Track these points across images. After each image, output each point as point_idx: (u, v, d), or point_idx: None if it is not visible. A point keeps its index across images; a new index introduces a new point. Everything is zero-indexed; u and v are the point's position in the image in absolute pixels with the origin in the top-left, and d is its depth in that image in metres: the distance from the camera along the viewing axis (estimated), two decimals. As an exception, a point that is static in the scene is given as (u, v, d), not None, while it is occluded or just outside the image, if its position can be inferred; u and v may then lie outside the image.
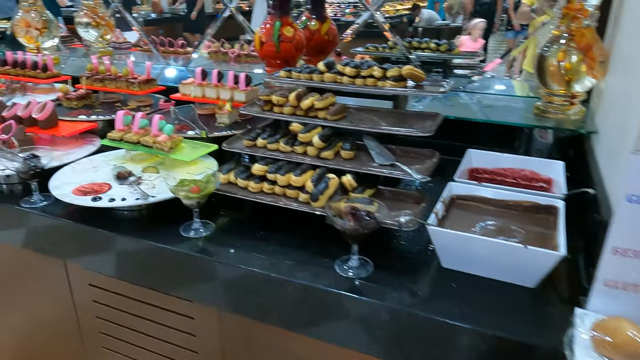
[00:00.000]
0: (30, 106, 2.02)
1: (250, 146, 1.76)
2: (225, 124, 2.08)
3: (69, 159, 1.92)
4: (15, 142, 1.96)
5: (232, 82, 2.16)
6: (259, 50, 2.34)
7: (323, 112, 1.76)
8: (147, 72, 2.41)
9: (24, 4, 3.01)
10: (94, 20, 3.35)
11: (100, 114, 2.24)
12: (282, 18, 2.28)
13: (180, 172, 1.80)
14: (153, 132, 1.82)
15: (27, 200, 1.75)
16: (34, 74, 2.63)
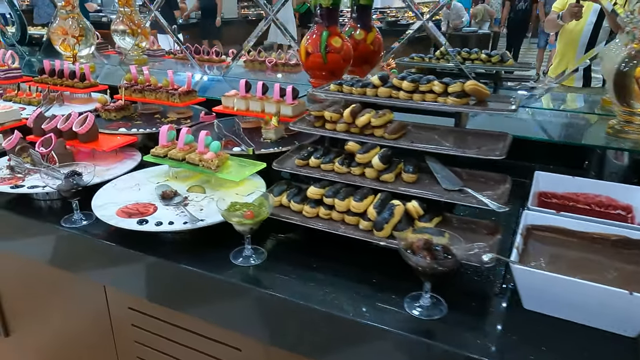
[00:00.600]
0: (70, 119, 1.94)
1: (302, 165, 1.65)
2: (271, 139, 1.97)
3: (110, 175, 1.84)
4: (55, 157, 1.89)
5: (278, 95, 2.06)
6: (304, 61, 2.24)
7: (380, 130, 1.64)
8: (187, 83, 2.32)
9: (62, 11, 2.96)
10: (130, 27, 3.30)
11: (141, 127, 2.16)
12: (329, 28, 2.17)
13: (227, 191, 1.70)
14: (199, 149, 1.72)
15: (67, 219, 1.67)
16: (71, 84, 2.57)
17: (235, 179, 1.64)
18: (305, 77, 3.43)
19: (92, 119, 1.93)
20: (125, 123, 2.22)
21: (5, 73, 2.77)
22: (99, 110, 2.32)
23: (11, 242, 1.88)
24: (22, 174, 1.85)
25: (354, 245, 1.42)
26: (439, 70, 2.83)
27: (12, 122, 2.22)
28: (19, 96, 2.59)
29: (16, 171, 1.87)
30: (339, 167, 1.58)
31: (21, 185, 1.75)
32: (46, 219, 1.71)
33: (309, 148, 1.70)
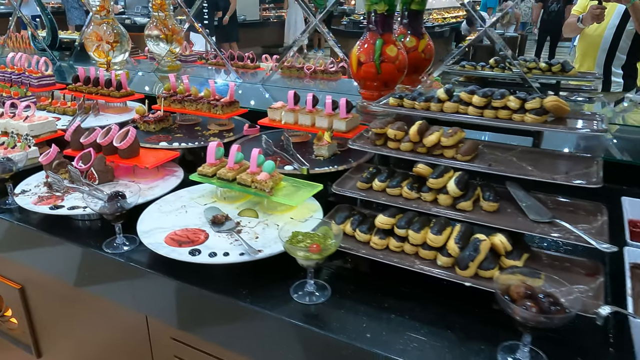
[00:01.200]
0: (111, 133, 1.82)
1: (365, 189, 1.50)
2: (324, 156, 1.82)
3: (153, 194, 1.71)
4: (94, 174, 1.77)
5: (331, 108, 1.91)
6: (356, 71, 2.09)
7: (451, 150, 1.48)
8: (230, 94, 2.19)
9: (96, 16, 2.87)
10: (164, 33, 3.19)
11: (182, 140, 2.03)
12: (384, 35, 2.02)
13: (281, 215, 1.56)
14: (251, 168, 1.58)
15: (110, 243, 1.55)
16: (107, 92, 2.46)
17: (292, 203, 1.50)
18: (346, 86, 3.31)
19: (133, 134, 1.81)
20: (166, 136, 2.09)
21: (38, 80, 2.68)
22: (137, 122, 2.20)
23: (48, 263, 1.76)
24: (61, 192, 1.73)
25: (430, 281, 1.26)
26: (490, 79, 2.66)
27: (48, 133, 2.12)
28: (53, 105, 2.49)
29: (54, 189, 1.75)
30: (408, 192, 1.42)
31: (60, 205, 1.63)
32: (86, 242, 1.58)
33: (371, 169, 1.55)
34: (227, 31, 7.78)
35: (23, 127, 2.04)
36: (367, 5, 2.02)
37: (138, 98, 2.53)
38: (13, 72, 2.79)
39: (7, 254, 1.93)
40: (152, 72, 3.33)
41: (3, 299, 2.16)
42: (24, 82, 2.72)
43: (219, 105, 2.13)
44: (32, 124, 2.05)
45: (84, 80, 2.56)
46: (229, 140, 2.06)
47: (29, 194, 1.74)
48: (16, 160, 1.81)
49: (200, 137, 2.09)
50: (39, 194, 1.73)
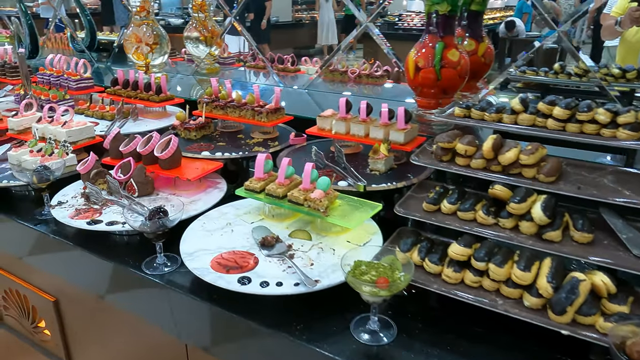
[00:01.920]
0: (152, 142, 1.71)
1: (432, 211, 1.34)
2: (380, 171, 1.67)
3: (196, 209, 1.59)
4: (134, 185, 1.66)
5: (387, 117, 1.75)
6: (412, 77, 1.92)
7: (532, 169, 1.31)
8: (275, 100, 2.06)
9: (136, 17, 2.78)
10: (203, 34, 3.09)
11: (225, 150, 1.90)
12: (445, 38, 1.85)
13: (336, 237, 1.41)
14: (304, 185, 1.44)
15: (150, 263, 1.43)
16: (146, 97, 2.36)
17: (350, 226, 1.35)
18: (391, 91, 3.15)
19: (175, 143, 1.69)
20: (207, 144, 1.97)
21: (77, 83, 2.61)
22: (177, 129, 2.09)
23: (84, 278, 1.66)
24: (99, 205, 1.62)
25: (511, 323, 1.09)
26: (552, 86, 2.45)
27: (86, 140, 2.03)
28: (91, 109, 2.41)
29: (92, 201, 1.65)
30: (484, 217, 1.25)
31: (98, 220, 1.52)
32: (124, 260, 1.47)
33: (438, 188, 1.38)
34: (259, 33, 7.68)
35: (61, 133, 1.96)
36: (428, 5, 1.85)
37: (178, 103, 2.42)
38: (52, 74, 2.73)
39: (43, 266, 1.84)
40: (190, 75, 3.23)
41: (37, 310, 2.08)
42: (62, 85, 2.65)
43: (263, 113, 2.00)
44: (70, 129, 1.96)
45: (123, 83, 2.47)
46: (274, 149, 1.92)
47: (66, 205, 1.63)
48: (53, 168, 1.72)
49: (244, 147, 1.96)
50: (76, 206, 1.63)
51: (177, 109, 2.49)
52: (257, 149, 1.92)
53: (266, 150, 1.91)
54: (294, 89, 2.86)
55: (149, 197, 1.68)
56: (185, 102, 2.43)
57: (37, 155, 1.87)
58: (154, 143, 1.72)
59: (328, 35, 9.66)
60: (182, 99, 2.44)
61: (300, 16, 12.33)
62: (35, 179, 1.68)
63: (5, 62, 3.02)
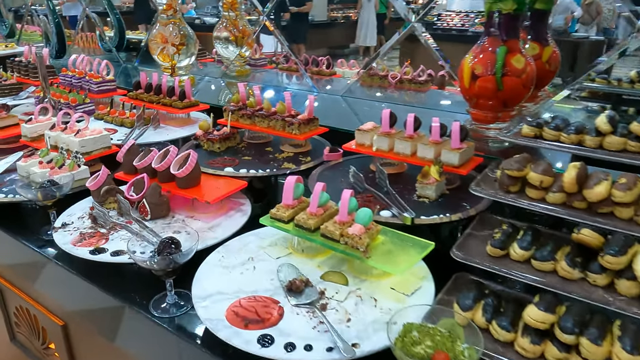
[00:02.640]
0: (168, 157, 1.51)
1: (499, 256, 1.08)
2: (430, 198, 1.42)
3: (214, 237, 1.38)
4: (147, 207, 1.46)
5: (438, 133, 1.50)
6: (468, 85, 1.66)
7: (629, 209, 1.04)
8: (309, 110, 1.83)
9: (163, 16, 2.60)
10: (233, 34, 2.90)
11: (251, 166, 1.69)
12: (509, 42, 1.59)
13: (377, 282, 1.17)
14: (340, 216, 1.20)
15: (158, 302, 1.22)
16: (169, 102, 2.17)
17: (396, 271, 1.11)
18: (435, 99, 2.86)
19: (194, 160, 1.49)
20: (232, 159, 1.76)
21: (98, 85, 2.45)
22: (199, 139, 1.89)
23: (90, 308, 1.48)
24: (106, 229, 1.43)
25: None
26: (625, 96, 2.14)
27: (101, 150, 1.85)
28: (111, 114, 2.24)
29: (99, 223, 1.46)
30: (568, 269, 0.99)
31: (103, 249, 1.33)
32: (130, 296, 1.27)
33: (505, 227, 1.13)
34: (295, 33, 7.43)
35: (73, 142, 1.78)
36: (489, 3, 1.59)
37: (203, 109, 2.23)
38: (74, 75, 2.58)
39: (49, 289, 1.67)
40: (219, 77, 3.04)
41: (47, 332, 1.93)
42: (83, 87, 2.50)
43: (295, 124, 1.77)
44: (84, 139, 1.79)
45: (146, 87, 2.29)
46: (306, 166, 1.70)
47: (70, 228, 1.45)
48: (61, 183, 1.54)
49: (272, 162, 1.74)
50: (82, 229, 1.44)
51: (202, 115, 2.30)
52: (286, 165, 1.70)
53: (297, 166, 1.69)
54: (329, 95, 2.62)
55: (164, 219, 1.49)
56: (211, 108, 2.24)
57: (47, 167, 1.70)
58: (171, 158, 1.52)
59: (367, 36, 9.39)
60: (207, 105, 2.24)
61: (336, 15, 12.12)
62: (40, 196, 1.50)
63: (29, 62, 2.90)
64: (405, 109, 2.32)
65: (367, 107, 2.44)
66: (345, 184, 1.55)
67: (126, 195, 1.51)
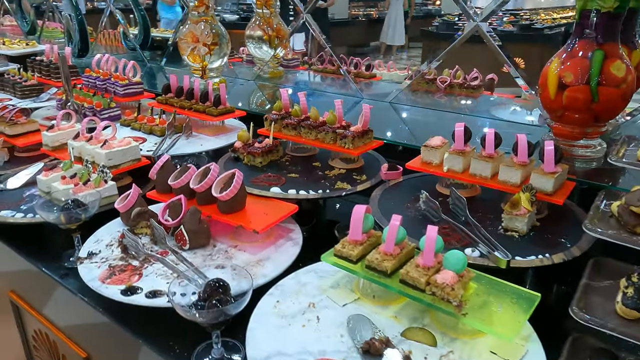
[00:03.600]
0: (209, 176, 1.31)
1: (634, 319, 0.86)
2: (521, 232, 1.19)
3: (264, 273, 1.17)
4: (185, 235, 1.26)
5: (526, 153, 1.28)
6: (553, 96, 1.43)
7: None
8: (364, 121, 1.61)
9: (194, 13, 2.41)
10: (267, 33, 2.69)
11: (300, 185, 1.48)
12: (606, 46, 1.35)
13: (472, 342, 0.95)
14: (424, 259, 0.98)
15: (202, 355, 1.02)
16: (203, 108, 1.97)
17: (503, 335, 0.89)
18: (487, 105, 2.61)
19: (239, 181, 1.28)
20: (276, 176, 1.55)
21: (124, 88, 2.26)
22: (238, 152, 1.69)
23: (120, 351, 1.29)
24: (139, 261, 1.23)
25: None
26: None
27: (129, 163, 1.66)
28: (138, 121, 2.04)
29: (130, 253, 1.26)
30: None
31: (136, 288, 1.13)
32: (169, 345, 1.07)
33: (636, 279, 0.90)
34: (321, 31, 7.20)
35: (100, 154, 1.59)
36: (582, 1, 1.36)
37: (238, 116, 2.02)
38: (98, 77, 2.40)
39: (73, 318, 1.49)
40: (252, 79, 2.83)
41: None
42: (108, 90, 2.32)
43: (349, 137, 1.56)
44: (111, 150, 1.60)
45: (176, 91, 2.10)
46: (362, 187, 1.49)
47: (97, 259, 1.25)
48: (87, 203, 1.35)
49: (324, 181, 1.53)
50: (111, 260, 1.24)
51: (236, 122, 2.10)
52: (340, 185, 1.49)
53: (352, 187, 1.48)
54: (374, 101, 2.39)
55: (204, 249, 1.28)
56: (247, 115, 2.04)
57: (70, 182, 1.51)
58: (212, 178, 1.31)
59: (394, 35, 9.15)
60: (243, 111, 2.04)
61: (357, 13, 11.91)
62: (63, 218, 1.31)
63: (51, 62, 2.73)
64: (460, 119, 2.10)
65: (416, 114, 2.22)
66: (413, 210, 1.34)
67: (161, 220, 1.31)
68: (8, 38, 3.86)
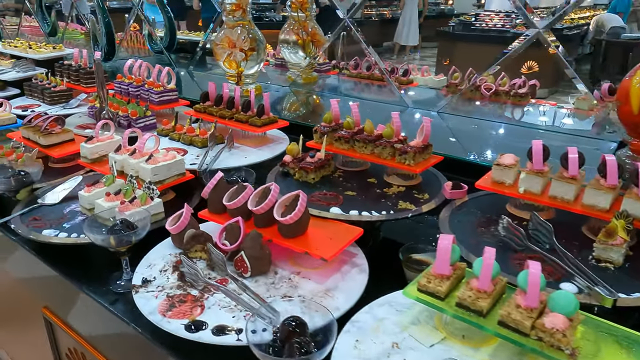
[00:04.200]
0: (270, 197, 1.22)
1: None
2: (616, 264, 1.09)
3: (336, 306, 1.08)
4: (246, 261, 1.17)
5: (615, 175, 1.17)
6: (637, 110, 1.32)
7: None
8: (425, 134, 1.52)
9: (230, 17, 2.32)
10: (302, 38, 2.60)
11: (360, 205, 1.38)
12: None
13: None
14: (529, 299, 0.89)
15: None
16: (245, 118, 1.89)
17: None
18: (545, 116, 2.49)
19: (304, 203, 1.19)
20: (333, 194, 1.46)
21: (159, 96, 2.18)
22: (288, 166, 1.60)
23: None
24: (198, 290, 1.15)
25: None
26: None
27: (174, 178, 1.57)
28: (177, 131, 1.96)
29: (187, 281, 1.17)
30: None
31: (201, 322, 1.04)
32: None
33: None
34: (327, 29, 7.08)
35: (145, 170, 1.51)
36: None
37: (282, 126, 1.93)
38: (131, 83, 2.33)
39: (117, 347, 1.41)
40: (286, 85, 2.74)
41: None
42: (143, 97, 2.24)
43: (409, 152, 1.46)
44: (156, 165, 1.51)
45: (215, 100, 2.01)
46: (428, 207, 1.39)
47: (154, 287, 1.16)
48: (134, 220, 1.27)
49: (384, 201, 1.43)
50: (167, 289, 1.15)
51: (278, 132, 2.01)
52: (403, 204, 1.39)
53: (417, 207, 1.38)
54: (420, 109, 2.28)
55: (266, 277, 1.19)
56: (290, 125, 1.95)
57: (115, 199, 1.43)
58: (273, 200, 1.22)
59: (409, 35, 9.04)
60: (286, 121, 1.95)
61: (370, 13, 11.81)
62: (113, 242, 1.23)
63: (80, 66, 2.66)
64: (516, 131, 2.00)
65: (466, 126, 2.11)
66: (489, 235, 1.24)
67: (218, 244, 1.22)
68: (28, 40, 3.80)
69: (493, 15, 8.08)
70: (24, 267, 1.68)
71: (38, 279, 1.64)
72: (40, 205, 1.60)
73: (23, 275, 1.75)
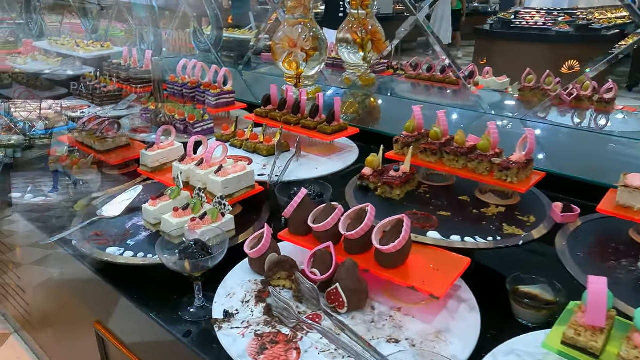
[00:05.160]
0: (366, 221, 1.06)
1: None
2: None
3: (452, 353, 0.92)
4: (342, 295, 1.02)
5: None
6: None
7: None
8: (528, 147, 1.34)
9: (290, 16, 2.18)
10: (361, 37, 2.44)
11: (458, 229, 1.22)
12: None
13: None
14: None
15: None
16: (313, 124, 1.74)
17: None
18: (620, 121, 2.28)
19: (408, 229, 1.03)
20: (426, 215, 1.30)
21: (217, 98, 2.06)
22: (367, 181, 1.44)
23: None
24: (289, 328, 1.00)
25: None
26: None
27: (244, 191, 1.44)
28: (238, 137, 1.83)
29: (275, 315, 1.03)
30: None
31: (300, 371, 0.90)
32: None
33: None
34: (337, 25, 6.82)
35: (215, 183, 1.37)
36: None
37: (352, 134, 1.78)
38: (185, 84, 2.21)
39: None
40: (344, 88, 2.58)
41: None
42: (199, 100, 2.12)
43: (512, 169, 1.29)
44: (227, 178, 1.38)
45: (279, 104, 1.87)
46: (538, 234, 1.21)
47: (238, 322, 1.02)
48: (208, 240, 1.14)
49: (485, 223, 1.26)
50: (254, 325, 1.01)
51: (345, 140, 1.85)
52: (509, 229, 1.22)
53: (525, 232, 1.21)
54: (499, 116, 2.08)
55: (363, 313, 1.04)
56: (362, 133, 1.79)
57: (183, 215, 1.30)
58: (369, 223, 1.07)
59: (439, 32, 8.77)
60: (356, 128, 1.80)
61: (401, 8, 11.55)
62: (188, 266, 1.09)
63: (130, 66, 2.56)
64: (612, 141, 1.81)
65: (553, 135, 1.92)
66: (623, 271, 1.06)
67: (307, 273, 1.08)
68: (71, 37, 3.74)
69: (534, 12, 7.77)
70: (80, 282, 1.57)
71: (94, 294, 1.54)
72: (100, 218, 1.48)
73: (80, 289, 1.65)
